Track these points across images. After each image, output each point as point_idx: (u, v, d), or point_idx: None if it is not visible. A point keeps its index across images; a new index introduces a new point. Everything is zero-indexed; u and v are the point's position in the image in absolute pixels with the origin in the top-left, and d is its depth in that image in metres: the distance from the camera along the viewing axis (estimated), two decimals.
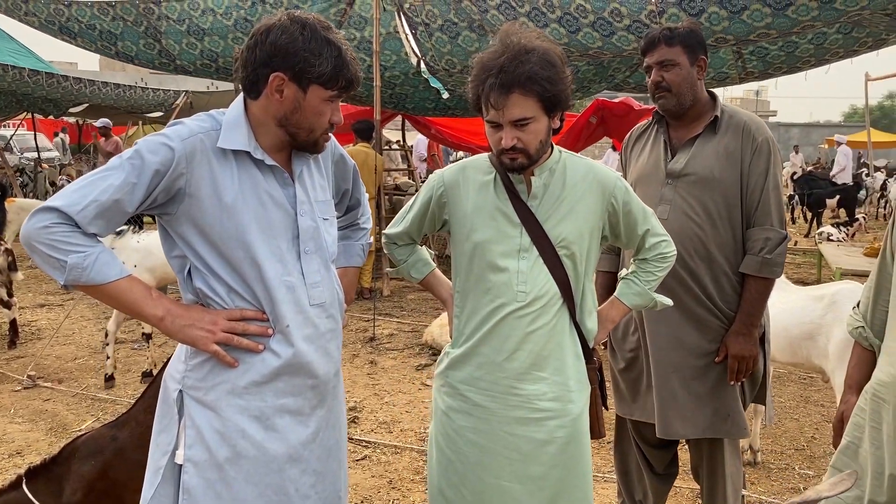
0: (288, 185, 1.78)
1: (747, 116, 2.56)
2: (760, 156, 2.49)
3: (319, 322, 1.82)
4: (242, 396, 1.73)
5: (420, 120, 11.21)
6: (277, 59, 1.64)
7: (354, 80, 1.72)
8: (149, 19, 7.68)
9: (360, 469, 3.80)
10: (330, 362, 1.86)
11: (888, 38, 6.86)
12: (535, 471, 2.00)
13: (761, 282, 2.51)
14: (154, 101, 13.86)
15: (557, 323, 2.02)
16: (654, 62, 2.53)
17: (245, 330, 1.72)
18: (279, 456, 1.76)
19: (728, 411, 2.57)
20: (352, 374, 5.35)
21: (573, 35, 6.32)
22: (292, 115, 1.70)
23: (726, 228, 2.52)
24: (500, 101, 1.86)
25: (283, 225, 1.76)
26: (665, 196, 2.56)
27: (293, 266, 1.77)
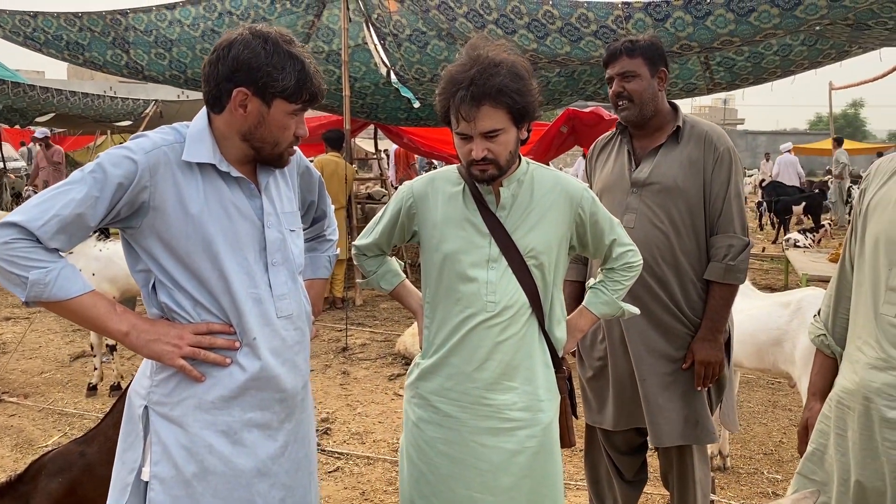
0: (255, 197, 1.77)
1: (708, 126, 2.62)
2: (722, 165, 2.55)
3: (286, 334, 1.81)
4: (209, 411, 1.71)
5: (392, 129, 11.21)
6: (240, 74, 1.63)
7: (318, 92, 1.72)
8: (116, 30, 7.62)
9: (332, 481, 3.77)
10: (297, 375, 1.85)
11: (851, 50, 7.02)
12: (506, 482, 2.01)
13: (725, 288, 2.56)
14: (123, 110, 13.69)
15: (527, 332, 2.03)
16: (616, 73, 2.58)
17: (212, 344, 1.70)
18: (247, 471, 1.74)
19: (697, 417, 2.60)
20: (324, 385, 5.32)
21: (541, 41, 6.37)
22: (256, 130, 1.69)
23: (690, 236, 2.57)
24: (471, 114, 1.88)
25: (249, 237, 1.74)
26: (630, 205, 2.60)
27: (260, 278, 1.75)
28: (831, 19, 5.43)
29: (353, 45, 7.65)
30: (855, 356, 1.84)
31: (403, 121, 9.90)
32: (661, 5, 5.83)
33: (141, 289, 1.75)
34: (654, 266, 2.55)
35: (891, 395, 1.71)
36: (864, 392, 1.77)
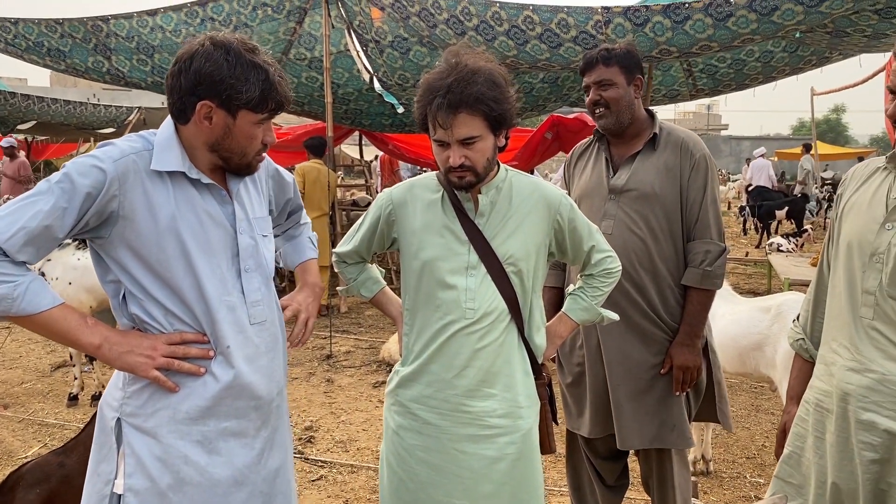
0: (226, 203, 1.76)
1: (685, 133, 2.65)
2: (699, 172, 2.58)
3: (260, 341, 1.80)
4: (184, 421, 1.69)
5: (377, 136, 11.20)
6: (203, 87, 1.61)
7: (284, 100, 1.71)
8: (97, 36, 7.57)
9: (315, 489, 3.75)
10: (272, 382, 1.83)
11: (831, 57, 7.11)
12: (486, 489, 2.00)
13: (703, 293, 2.59)
14: (106, 117, 13.63)
15: (506, 339, 2.03)
16: (593, 82, 2.60)
17: (186, 353, 1.68)
18: (224, 480, 1.72)
19: (674, 422, 2.62)
20: (308, 393, 5.30)
21: (521, 47, 6.40)
22: (223, 141, 1.68)
23: (668, 242, 2.59)
24: (448, 121, 1.88)
25: (222, 243, 1.73)
26: (608, 211, 2.62)
27: (233, 285, 1.74)
28: (809, 25, 5.50)
29: (335, 52, 7.65)
30: (830, 358, 1.86)
31: (388, 127, 9.90)
32: (640, 10, 5.87)
33: (111, 300, 1.73)
34: (631, 272, 2.56)
35: (866, 398, 1.73)
36: (840, 394, 1.79)
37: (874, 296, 1.75)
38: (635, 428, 2.62)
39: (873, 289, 1.75)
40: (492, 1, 6.24)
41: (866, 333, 1.76)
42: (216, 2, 7.31)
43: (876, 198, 1.81)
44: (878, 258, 1.75)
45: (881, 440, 1.71)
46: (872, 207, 1.81)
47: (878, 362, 1.72)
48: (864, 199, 1.85)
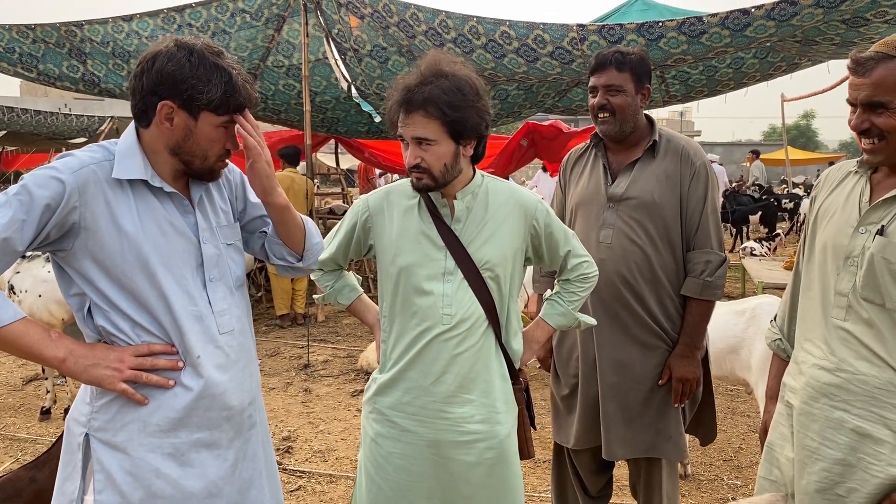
0: (188, 213, 1.73)
1: (685, 141, 2.60)
2: (699, 180, 2.53)
3: (230, 350, 1.76)
4: (155, 434, 1.65)
5: (353, 143, 11.18)
6: (165, 86, 1.60)
7: (247, 103, 1.68)
8: (71, 41, 7.48)
9: (294, 500, 3.72)
10: (244, 391, 1.80)
11: (800, 63, 7.21)
12: (465, 491, 2.02)
13: (703, 304, 2.54)
14: (77, 127, 13.48)
15: (483, 345, 2.04)
16: (602, 84, 2.52)
17: (154, 365, 1.65)
18: (197, 493, 1.69)
19: (671, 434, 2.60)
20: (285, 403, 5.26)
21: (499, 60, 6.44)
22: (184, 143, 1.66)
23: (668, 251, 2.55)
24: (404, 119, 1.93)
25: (186, 254, 1.70)
26: (607, 220, 2.57)
27: (199, 295, 1.71)
28: (780, 37, 5.60)
29: (313, 60, 7.63)
30: (802, 357, 1.91)
31: (364, 134, 9.88)
32: (614, 28, 5.93)
33: (75, 313, 1.69)
34: (631, 282, 2.53)
35: (836, 396, 1.78)
36: (809, 392, 1.84)
37: (847, 297, 1.79)
38: (628, 438, 2.59)
39: (846, 290, 1.79)
40: (469, 15, 6.27)
41: (838, 334, 1.80)
42: (193, 8, 7.25)
43: (849, 202, 1.85)
44: (853, 261, 1.78)
45: (847, 440, 1.75)
46: (846, 211, 1.85)
47: (848, 362, 1.76)
48: (838, 203, 1.89)
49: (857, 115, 1.74)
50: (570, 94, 9.19)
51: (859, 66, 1.70)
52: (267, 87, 8.36)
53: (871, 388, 1.72)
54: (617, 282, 2.53)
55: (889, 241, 1.72)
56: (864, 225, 1.79)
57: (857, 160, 1.91)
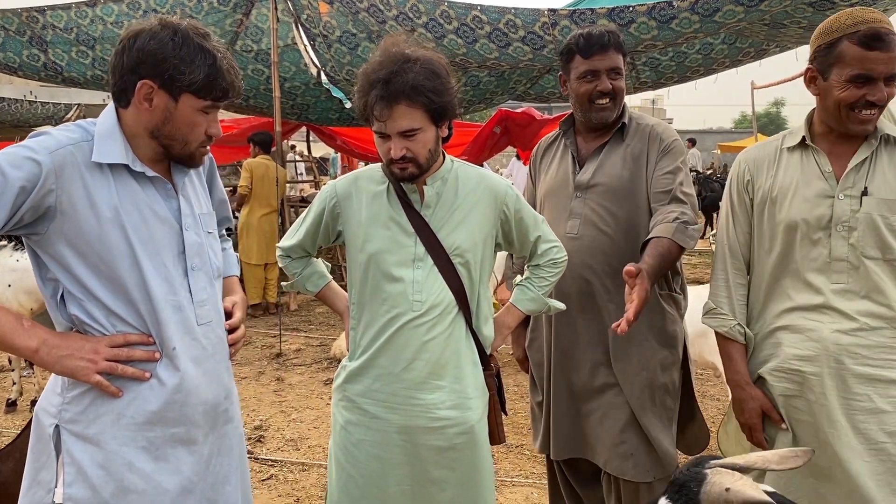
0: (171, 198, 1.67)
1: (654, 121, 2.46)
2: (669, 155, 2.34)
3: (207, 342, 1.71)
4: (129, 427, 1.60)
5: (325, 131, 11.09)
6: (145, 65, 1.53)
7: (231, 89, 1.63)
8: (32, 28, 7.31)
9: (265, 489, 3.70)
10: (219, 384, 1.76)
11: (769, 49, 7.28)
12: (436, 474, 2.02)
13: (671, 245, 2.15)
14: (43, 114, 13.23)
15: (454, 331, 2.03)
16: (606, 68, 2.32)
17: (130, 356, 1.59)
18: (171, 489, 1.64)
19: (632, 451, 2.38)
20: (257, 392, 5.22)
21: (471, 45, 6.41)
22: (164, 126, 1.59)
23: (639, 239, 2.30)
24: (386, 113, 1.87)
25: (167, 240, 1.64)
26: (574, 210, 2.42)
27: (180, 284, 1.66)
28: (749, 21, 5.64)
29: (282, 45, 7.53)
30: (806, 325, 1.96)
31: (335, 121, 9.79)
32: (585, 13, 5.94)
33: (47, 301, 1.63)
34: (600, 274, 2.37)
35: (859, 354, 1.90)
36: (831, 355, 1.92)
37: (845, 261, 1.90)
38: (591, 444, 2.46)
39: (844, 255, 1.90)
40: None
41: (845, 296, 1.90)
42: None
43: (809, 175, 1.96)
44: (842, 226, 1.89)
45: (874, 389, 1.88)
46: (812, 185, 1.95)
47: (861, 320, 1.89)
48: (793, 180, 1.98)
49: (878, 89, 1.81)
50: (542, 80, 9.19)
51: (881, 41, 1.78)
52: None
53: (886, 339, 1.88)
54: (585, 274, 2.37)
55: (877, 198, 1.86)
56: (842, 191, 1.90)
57: (784, 137, 2.05)
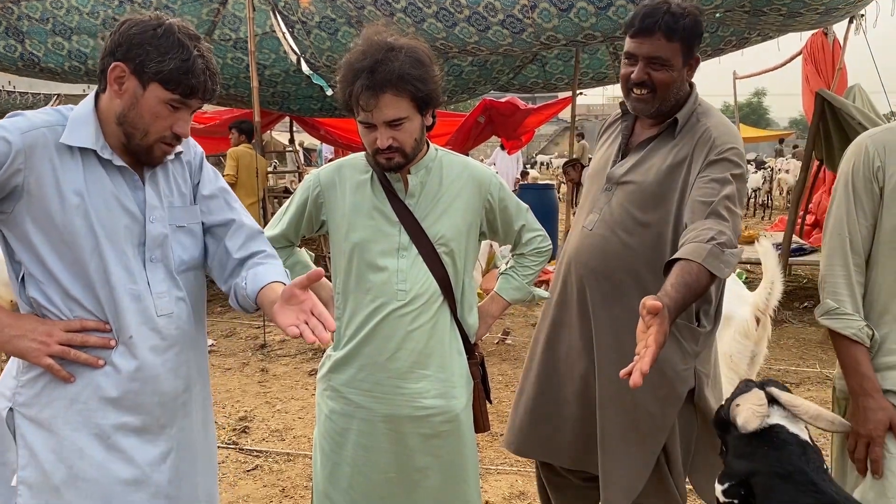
0: (138, 189, 1.65)
1: (715, 123, 2.05)
2: (719, 164, 1.97)
3: (167, 333, 1.68)
4: (81, 413, 1.59)
5: (308, 121, 11.06)
6: (122, 48, 1.54)
7: (201, 88, 1.60)
8: (8, 19, 7.20)
9: (251, 479, 3.69)
10: (178, 377, 1.72)
11: (750, 37, 7.32)
12: (421, 461, 2.03)
13: (701, 271, 1.75)
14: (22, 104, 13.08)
15: (439, 320, 2.03)
16: (644, 55, 2.00)
17: (84, 342, 1.58)
18: (123, 478, 1.62)
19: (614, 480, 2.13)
20: (242, 384, 5.21)
21: (450, 30, 6.36)
22: (129, 112, 1.58)
23: (657, 250, 2.04)
24: (372, 103, 1.85)
25: (129, 231, 1.63)
26: (597, 203, 2.16)
27: (139, 274, 1.64)
28: (727, 7, 5.66)
29: (260, 33, 7.45)
30: None
31: (317, 111, 9.75)
32: None
33: (13, 284, 1.63)
34: (602, 282, 2.11)
35: None
36: None
37: None
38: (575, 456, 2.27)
39: None
40: None
41: None
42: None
43: None
44: None
45: None
46: None
47: None
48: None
49: None
50: (526, 70, 9.20)
51: None
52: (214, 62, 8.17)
53: None
54: (585, 277, 2.13)
55: None
56: None
57: None
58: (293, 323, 1.54)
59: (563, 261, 2.21)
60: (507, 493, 3.48)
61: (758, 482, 1.21)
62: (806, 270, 8.59)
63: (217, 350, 5.96)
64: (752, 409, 1.24)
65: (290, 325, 1.53)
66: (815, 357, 5.64)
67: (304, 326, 1.53)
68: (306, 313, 1.56)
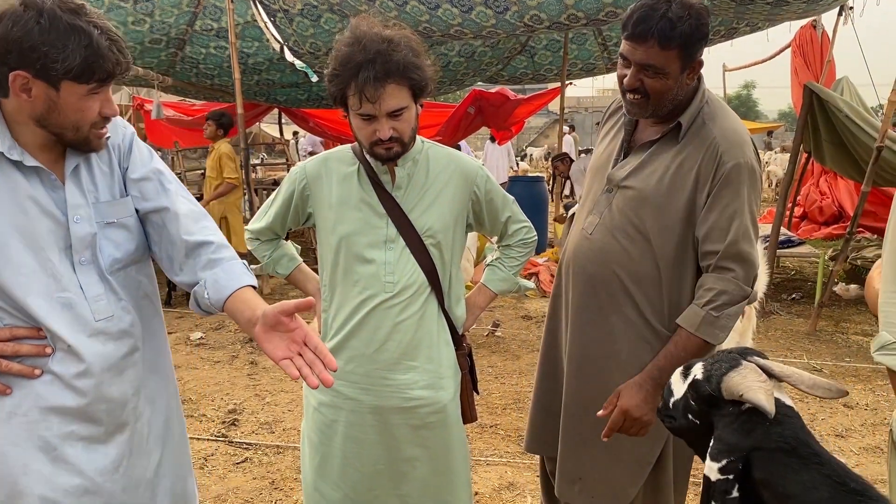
0: (57, 188, 1.52)
1: (722, 130, 1.92)
2: (727, 187, 1.87)
3: (109, 338, 1.57)
4: (22, 426, 1.49)
5: (297, 113, 11.00)
6: (13, 55, 1.39)
7: (117, 67, 1.47)
8: None
9: (240, 472, 3.69)
10: (124, 381, 1.61)
11: (739, 28, 7.32)
12: (410, 452, 2.04)
13: (695, 341, 1.86)
14: None
15: (426, 312, 2.04)
16: (637, 61, 1.88)
17: (16, 351, 1.47)
18: (72, 490, 1.53)
19: (580, 475, 2.11)
20: (231, 377, 5.19)
21: (433, 12, 6.27)
22: (49, 116, 1.46)
23: (655, 264, 1.97)
24: (377, 94, 1.83)
25: (51, 234, 1.50)
26: (598, 205, 2.07)
27: (69, 280, 1.52)
28: None
29: (242, 23, 7.36)
30: None
31: (304, 102, 9.68)
32: None
33: None
34: (599, 291, 2.03)
35: None
36: None
37: None
38: None
39: None
40: None
41: None
42: None
43: None
44: None
45: None
46: None
47: None
48: None
49: None
50: (514, 62, 9.19)
51: None
52: (197, 52, 8.06)
53: None
54: (582, 284, 2.06)
55: None
56: None
57: None
58: (286, 356, 1.43)
59: (562, 260, 2.20)
60: (497, 483, 3.49)
61: (760, 457, 1.20)
62: (794, 262, 8.65)
63: (206, 343, 5.95)
64: (763, 387, 1.23)
65: (284, 358, 1.43)
66: (803, 348, 5.68)
67: (303, 363, 1.42)
68: (298, 344, 1.45)
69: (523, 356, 5.48)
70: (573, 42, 8.63)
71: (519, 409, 4.44)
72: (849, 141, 6.51)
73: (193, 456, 3.81)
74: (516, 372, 5.14)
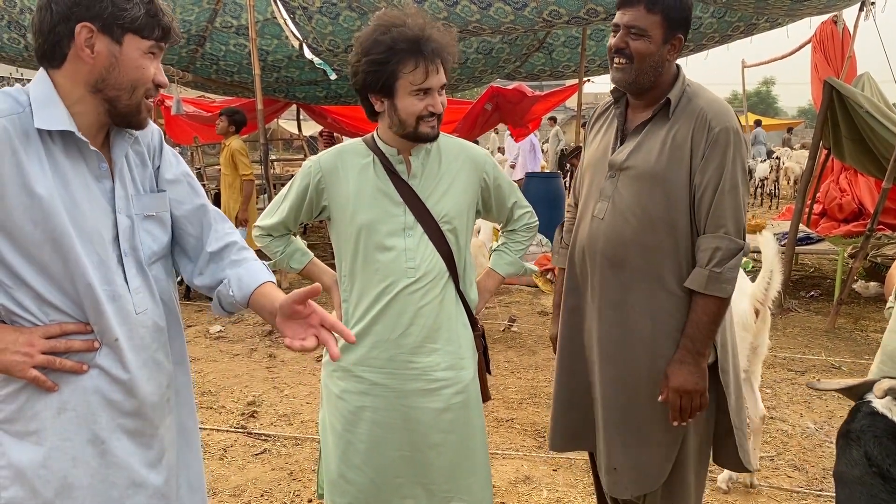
0: (105, 178, 1.51)
1: (707, 101, 2.10)
2: (716, 149, 2.03)
3: (145, 332, 1.58)
4: (72, 421, 1.48)
5: (315, 109, 11.07)
6: (80, 8, 1.39)
7: (171, 28, 1.49)
8: (10, 13, 7.26)
9: (259, 463, 3.73)
10: (161, 374, 1.63)
11: (758, 23, 7.27)
12: (435, 438, 2.08)
13: (709, 301, 2.02)
14: None
15: (446, 295, 2.11)
16: (624, 24, 2.07)
17: (69, 348, 1.46)
18: (120, 483, 1.54)
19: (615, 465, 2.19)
20: (250, 369, 5.25)
21: (451, 8, 6.31)
22: (109, 75, 1.44)
23: (669, 235, 2.08)
24: (433, 68, 1.95)
25: (101, 225, 1.49)
26: (605, 191, 2.16)
27: (115, 271, 1.51)
28: None
29: (262, 20, 7.44)
30: None
31: (322, 99, 9.75)
32: None
33: None
34: (619, 269, 2.12)
35: None
36: None
37: None
38: None
39: None
40: None
41: None
42: None
43: None
44: None
45: None
46: None
47: None
48: None
49: None
50: (532, 58, 9.18)
51: None
52: (217, 49, 8.15)
53: None
54: (603, 266, 2.14)
55: None
56: None
57: None
58: (303, 337, 1.50)
59: (574, 250, 2.24)
60: (514, 477, 3.51)
61: None
62: (813, 259, 8.59)
63: (225, 336, 6.01)
64: None
65: (301, 339, 1.49)
66: (821, 346, 5.64)
67: (326, 335, 1.49)
68: (315, 327, 1.50)
69: (539, 351, 5.49)
70: (591, 38, 8.60)
71: (535, 404, 4.45)
72: (869, 137, 6.44)
73: (213, 447, 3.87)
74: (532, 367, 5.15)
